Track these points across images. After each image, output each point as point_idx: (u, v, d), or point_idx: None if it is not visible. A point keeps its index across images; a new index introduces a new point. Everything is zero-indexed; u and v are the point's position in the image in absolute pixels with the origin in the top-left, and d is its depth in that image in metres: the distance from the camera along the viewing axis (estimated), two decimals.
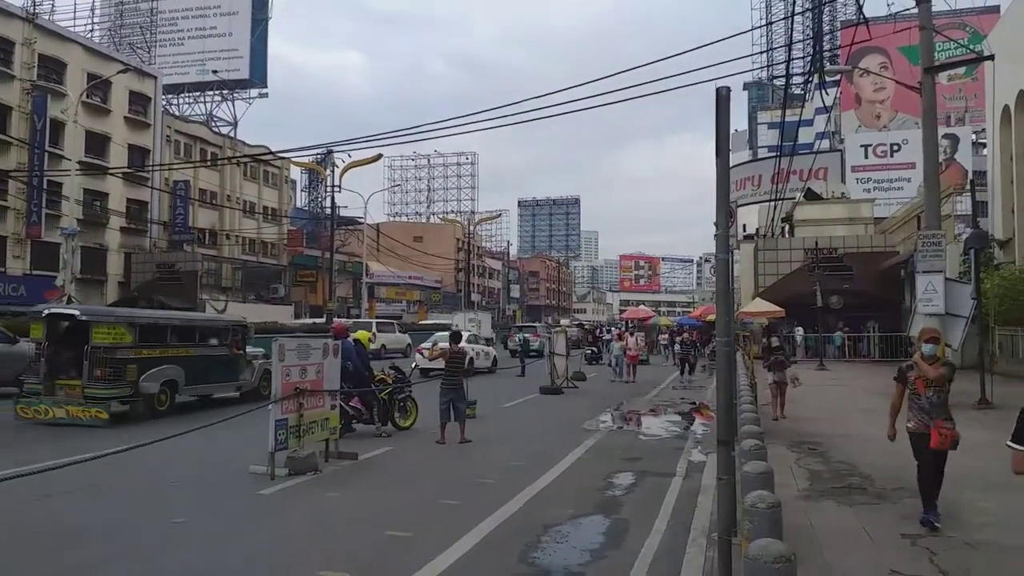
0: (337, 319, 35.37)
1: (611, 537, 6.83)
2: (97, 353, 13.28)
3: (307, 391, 9.58)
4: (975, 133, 49.55)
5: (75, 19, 58.00)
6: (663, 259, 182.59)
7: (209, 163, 47.77)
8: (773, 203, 34.60)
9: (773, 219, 36.45)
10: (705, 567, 5.81)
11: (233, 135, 56.48)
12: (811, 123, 50.03)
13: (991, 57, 19.20)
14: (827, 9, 59.92)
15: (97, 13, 62.63)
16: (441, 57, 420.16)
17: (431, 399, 12.22)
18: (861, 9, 18.58)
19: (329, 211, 48.36)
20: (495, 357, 28.38)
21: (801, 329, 30.87)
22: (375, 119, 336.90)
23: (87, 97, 37.69)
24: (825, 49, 50.03)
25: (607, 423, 14.57)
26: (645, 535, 6.74)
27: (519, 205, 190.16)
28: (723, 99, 6.10)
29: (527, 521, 7.20)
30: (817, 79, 21.72)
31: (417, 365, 21.62)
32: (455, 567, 5.90)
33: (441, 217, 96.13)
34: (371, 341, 37.02)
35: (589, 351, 32.62)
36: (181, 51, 60.29)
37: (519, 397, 18.88)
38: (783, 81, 42.45)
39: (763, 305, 30.18)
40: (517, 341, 32.50)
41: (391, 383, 12.97)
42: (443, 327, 34.64)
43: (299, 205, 68.78)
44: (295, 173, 64.78)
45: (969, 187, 25.33)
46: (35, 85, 35.70)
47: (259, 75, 61.18)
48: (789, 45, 21.39)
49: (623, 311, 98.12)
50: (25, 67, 35.71)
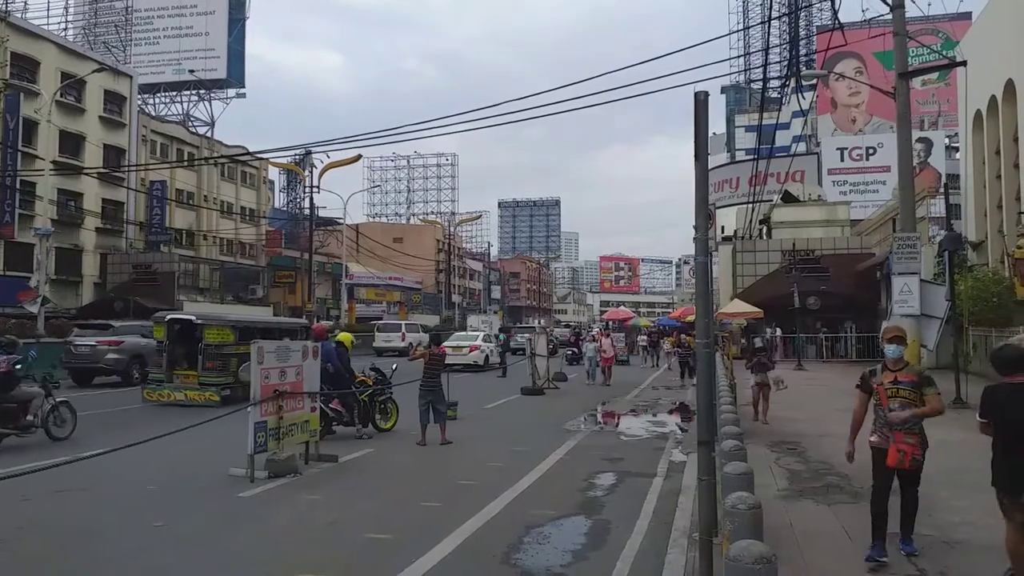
0: (318, 321, 35.22)
1: (593, 538, 6.85)
2: (208, 349, 16.46)
3: (287, 393, 9.52)
4: (948, 137, 50.32)
5: (49, 17, 57.14)
6: (643, 260, 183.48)
7: (186, 163, 47.32)
8: (751, 205, 34.91)
9: (751, 221, 36.75)
10: (687, 568, 5.84)
11: (210, 135, 55.95)
12: (788, 126, 50.47)
13: (963, 63, 19.53)
14: (804, 14, 60.53)
15: (71, 11, 61.72)
16: (421, 57, 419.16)
17: (413, 401, 12.18)
18: (837, 15, 18.83)
19: (308, 212, 48.07)
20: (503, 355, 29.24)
21: (780, 330, 31.16)
22: (354, 120, 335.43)
23: (61, 96, 37.16)
24: (801, 54, 50.63)
25: (589, 424, 14.61)
26: (627, 536, 6.77)
27: (499, 206, 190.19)
28: (701, 103, 6.15)
29: (509, 522, 7.20)
30: (794, 83, 21.93)
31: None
32: (436, 570, 5.89)
33: (421, 218, 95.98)
34: (402, 340, 37.71)
35: (570, 352, 32.70)
36: (157, 50, 59.62)
37: (501, 398, 18.87)
38: (760, 85, 42.88)
39: (741, 306, 30.44)
40: (519, 342, 32.90)
41: (372, 385, 12.92)
42: (434, 329, 36.67)
43: (277, 206, 68.30)
44: (273, 174, 64.44)
45: (943, 190, 25.72)
46: (7, 84, 35.11)
47: (237, 75, 60.68)
48: (766, 49, 21.61)
49: (603, 312, 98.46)
50: None
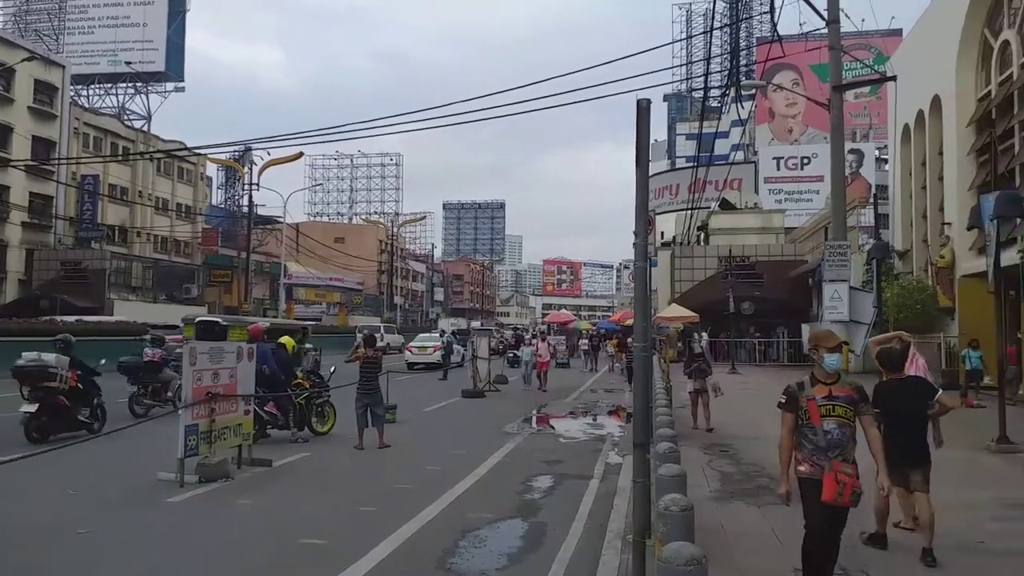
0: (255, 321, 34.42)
1: (529, 540, 6.87)
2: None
3: (220, 395, 9.28)
4: (878, 149, 52.16)
5: None
6: (585, 264, 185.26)
7: (120, 158, 45.77)
8: (690, 212, 35.58)
9: (690, 227, 37.48)
10: (620, 570, 5.90)
11: (146, 129, 54.27)
12: (727, 135, 51.60)
13: (894, 78, 20.26)
14: (744, 25, 62.07)
15: None
16: (366, 54, 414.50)
17: (352, 404, 12.01)
18: (776, 27, 19.33)
19: (246, 209, 47.05)
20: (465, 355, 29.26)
21: (705, 335, 31.86)
22: (297, 117, 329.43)
23: None
24: (741, 64, 51.88)
25: (528, 426, 14.66)
26: (563, 538, 6.81)
27: (444, 208, 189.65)
28: (643, 110, 6.23)
29: (445, 526, 7.17)
30: (733, 93, 22.44)
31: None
32: (371, 575, 5.82)
33: (364, 218, 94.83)
34: (381, 340, 37.93)
35: (511, 355, 32.81)
36: (92, 40, 57.55)
37: (441, 401, 18.79)
38: (701, 94, 43.86)
39: (679, 310, 30.98)
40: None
41: (309, 388, 12.70)
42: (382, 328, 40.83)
43: (215, 203, 66.57)
44: (211, 170, 62.69)
45: (872, 200, 26.63)
46: None
47: (175, 68, 59.00)
48: (707, 59, 22.09)
49: (545, 314, 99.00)
50: None
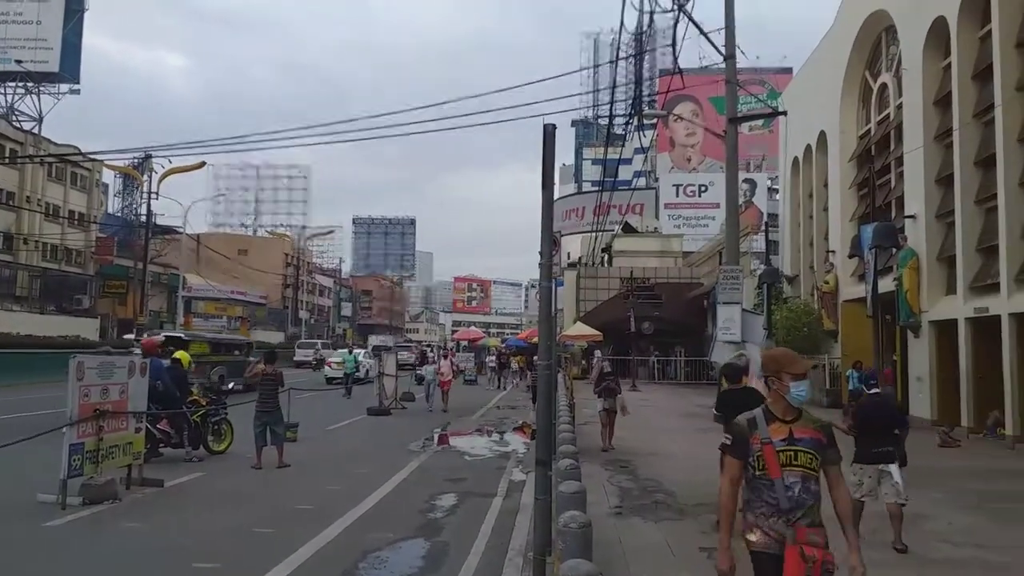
0: (148, 335, 32.91)
1: (431, 560, 6.87)
2: (193, 359, 20.54)
3: (109, 412, 8.86)
4: (770, 179, 54.96)
5: None
6: (495, 282, 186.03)
7: (8, 161, 42.93)
8: (595, 234, 36.48)
9: (594, 249, 38.39)
10: None
11: (37, 131, 51.14)
12: (630, 162, 53.15)
13: (784, 113, 21.50)
14: (648, 57, 64.42)
15: None
16: (276, 65, 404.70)
17: (251, 422, 11.68)
18: (676, 61, 20.19)
19: (144, 218, 45.00)
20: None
21: (598, 353, 32.71)
22: (201, 124, 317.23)
23: None
24: (645, 94, 53.72)
25: (433, 444, 14.62)
26: (464, 556, 6.84)
27: (354, 222, 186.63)
28: (549, 135, 6.44)
29: (345, 547, 7.08)
30: (636, 121, 23.24)
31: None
32: None
33: (269, 231, 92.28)
34: (317, 355, 36.63)
35: (418, 374, 32.60)
36: None
37: (345, 419, 18.47)
38: (606, 121, 45.24)
39: (583, 329, 31.65)
40: (402, 359, 32.62)
41: (205, 405, 12.27)
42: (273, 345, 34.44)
43: (111, 211, 63.31)
44: (108, 177, 59.62)
45: (764, 228, 28.04)
46: None
47: (71, 69, 55.92)
48: (612, 88, 22.72)
49: (455, 331, 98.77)
50: None
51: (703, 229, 52.68)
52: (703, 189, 55.82)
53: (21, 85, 55.61)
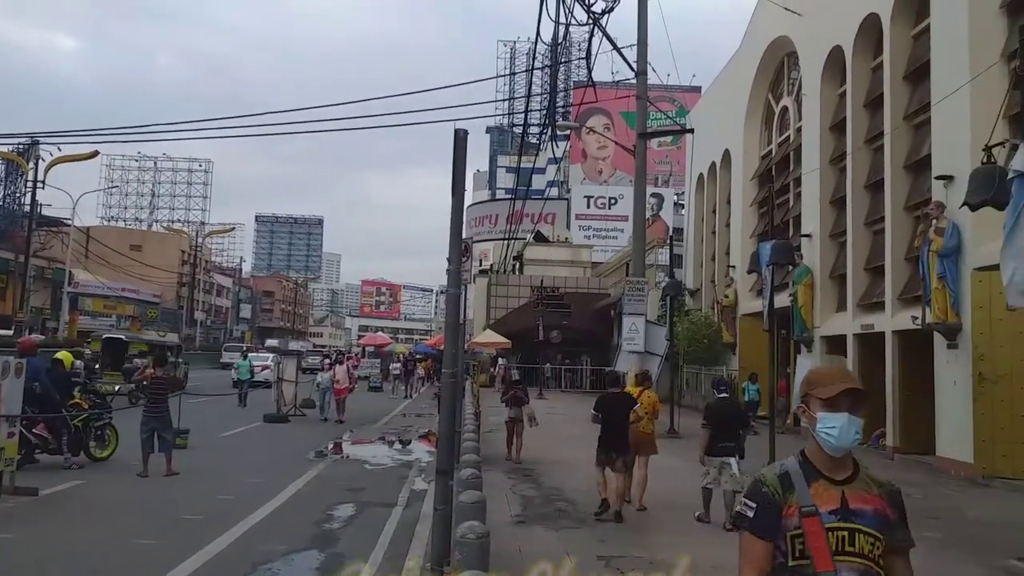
0: (29, 333, 30.90)
1: (324, 572, 6.63)
2: (133, 357, 25.45)
3: None
4: (677, 195, 56.62)
5: None
6: (404, 286, 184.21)
7: None
8: (507, 241, 36.65)
9: (506, 256, 38.53)
10: None
11: None
12: (544, 171, 53.84)
13: (691, 131, 22.21)
14: (564, 68, 65.40)
15: None
16: (179, 54, 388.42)
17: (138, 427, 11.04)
18: (591, 74, 20.55)
19: (28, 209, 42.16)
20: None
21: (503, 360, 32.99)
22: (97, 111, 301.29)
23: None
24: (559, 105, 54.50)
25: (332, 453, 14.22)
26: (360, 568, 6.63)
27: (257, 220, 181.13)
28: (461, 140, 6.34)
29: (234, 560, 6.74)
30: (550, 132, 23.52)
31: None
32: None
33: (165, 226, 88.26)
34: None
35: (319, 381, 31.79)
36: None
37: (240, 426, 17.76)
38: (521, 129, 45.54)
39: (493, 336, 31.66)
40: (311, 363, 32.10)
41: (87, 408, 11.53)
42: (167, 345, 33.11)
43: None
44: None
45: (669, 241, 28.85)
46: None
47: None
48: (528, 97, 22.88)
49: (361, 336, 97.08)
50: None
51: (612, 241, 53.70)
52: (613, 202, 56.90)
53: None
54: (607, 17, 18.47)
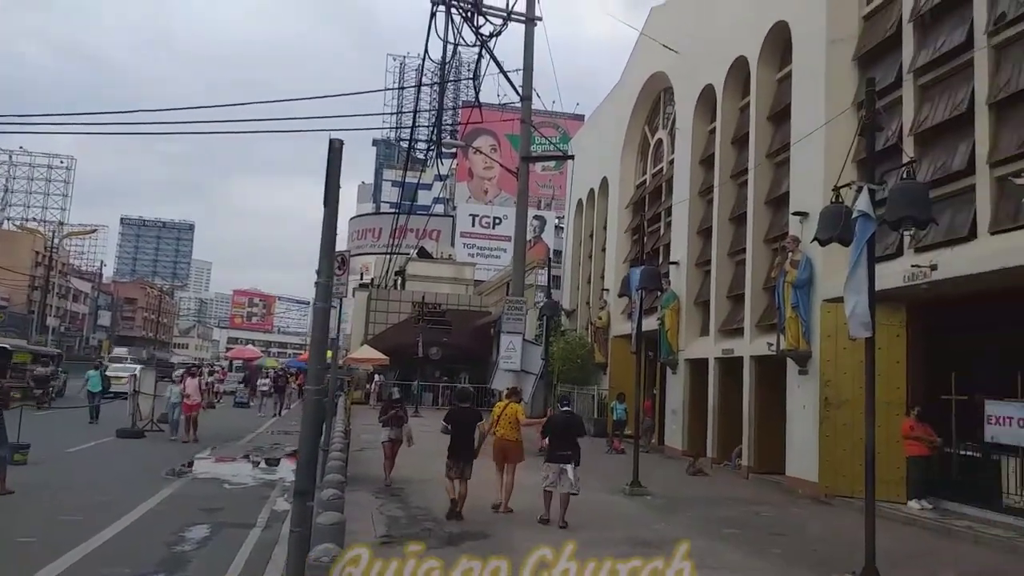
0: None
1: None
2: (18, 366, 24.97)
3: None
4: (558, 218, 57.99)
5: None
6: (280, 298, 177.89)
7: None
8: (389, 256, 36.24)
9: (388, 271, 38.08)
10: None
11: None
12: (430, 187, 53.78)
13: (572, 157, 22.81)
14: (453, 87, 65.71)
15: None
16: (44, 42, 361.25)
17: None
18: (478, 95, 20.80)
19: None
20: None
21: (379, 377, 32.68)
22: None
23: None
24: (448, 123, 54.70)
25: (190, 471, 13.49)
26: None
27: (123, 223, 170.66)
28: (335, 150, 6.22)
29: None
30: (436, 149, 23.56)
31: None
32: None
33: (18, 224, 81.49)
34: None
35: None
36: None
37: (90, 440, 16.56)
38: (407, 144, 45.42)
39: (370, 352, 31.14)
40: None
41: None
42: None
43: None
44: None
45: (547, 262, 29.44)
46: None
47: None
48: (415, 112, 22.85)
49: (229, 349, 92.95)
50: None
51: (495, 260, 54.21)
52: (498, 221, 57.50)
53: None
54: (495, 40, 18.80)
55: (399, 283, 42.77)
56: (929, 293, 11.25)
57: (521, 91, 19.24)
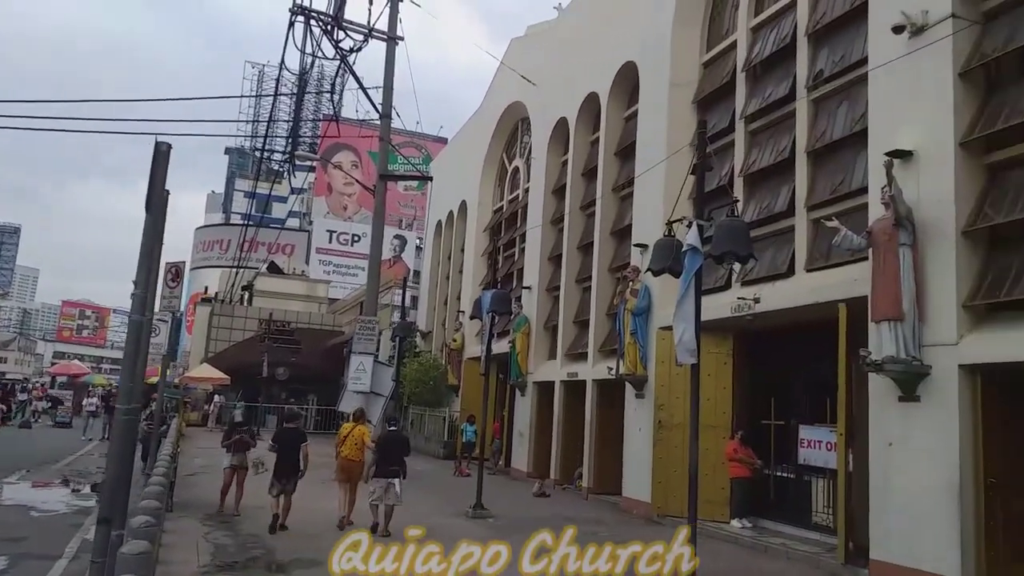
0: None
1: None
2: None
3: None
4: (419, 238, 57.78)
5: None
6: (115, 311, 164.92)
7: None
8: (237, 270, 34.61)
9: (234, 285, 36.36)
10: None
11: None
12: (285, 200, 52.03)
13: (431, 178, 22.85)
14: (315, 99, 64.21)
15: None
16: None
17: None
18: (335, 109, 20.42)
19: None
20: None
21: (220, 397, 31.19)
22: None
23: None
24: (308, 136, 53.33)
25: None
26: None
27: None
28: (162, 154, 5.91)
29: None
30: (291, 161, 22.88)
31: None
32: None
33: None
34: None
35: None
36: None
37: None
38: (264, 154, 43.67)
39: (210, 371, 29.53)
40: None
41: None
42: None
43: None
44: None
45: (403, 282, 29.23)
46: None
47: None
48: (269, 122, 22.12)
49: (54, 364, 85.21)
50: None
51: (352, 278, 53.03)
52: (356, 239, 56.38)
53: None
54: (355, 56, 18.54)
55: (246, 299, 40.88)
56: (754, 324, 12.10)
57: (381, 109, 19.07)
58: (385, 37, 18.80)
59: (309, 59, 18.14)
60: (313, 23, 17.56)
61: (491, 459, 20.07)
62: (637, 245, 14.57)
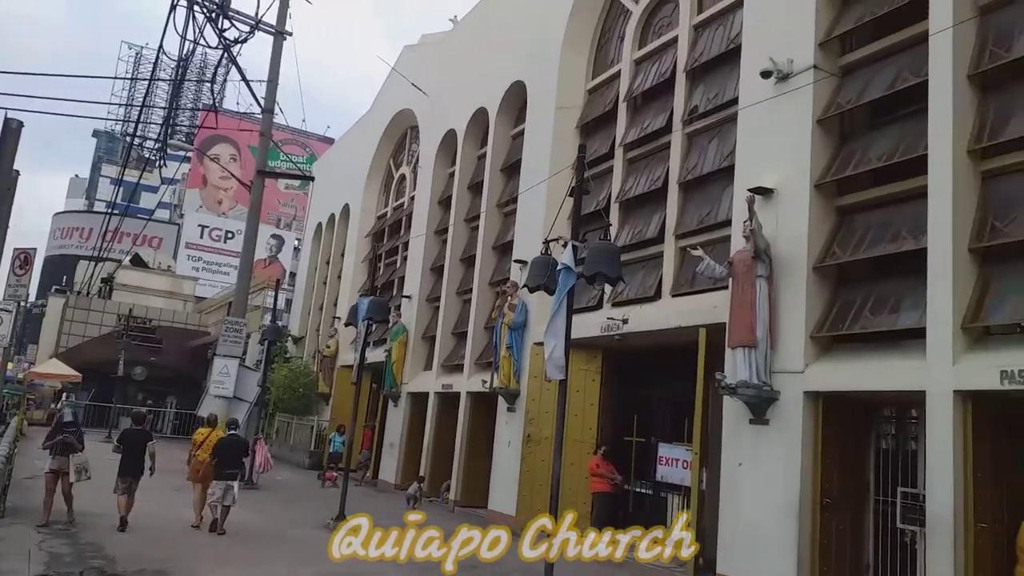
0: None
1: None
2: None
3: None
4: (298, 239, 56.12)
5: None
6: None
7: None
8: (96, 260, 32.42)
9: (93, 277, 34.04)
10: None
11: None
12: (156, 190, 49.31)
13: (312, 178, 22.31)
14: (195, 87, 61.26)
15: None
16: None
17: None
18: (215, 99, 19.65)
19: None
20: None
21: (73, 396, 29.11)
22: None
23: None
24: (185, 125, 50.79)
25: None
26: None
27: None
28: (12, 131, 5.55)
29: None
30: (163, 150, 21.69)
31: None
32: None
33: None
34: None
35: None
36: None
37: None
38: (134, 140, 41.16)
39: (59, 367, 27.48)
40: None
41: None
42: None
43: None
44: None
45: (276, 284, 28.31)
46: None
47: None
48: (141, 108, 20.95)
49: None
50: None
51: (224, 277, 50.79)
52: (230, 235, 54.07)
53: None
54: (240, 47, 17.93)
55: (105, 292, 38.37)
56: (621, 343, 12.54)
57: (264, 103, 18.50)
58: (273, 31, 18.32)
59: (190, 46, 17.39)
60: (197, 9, 16.86)
61: (360, 470, 19.71)
62: (517, 261, 14.79)
